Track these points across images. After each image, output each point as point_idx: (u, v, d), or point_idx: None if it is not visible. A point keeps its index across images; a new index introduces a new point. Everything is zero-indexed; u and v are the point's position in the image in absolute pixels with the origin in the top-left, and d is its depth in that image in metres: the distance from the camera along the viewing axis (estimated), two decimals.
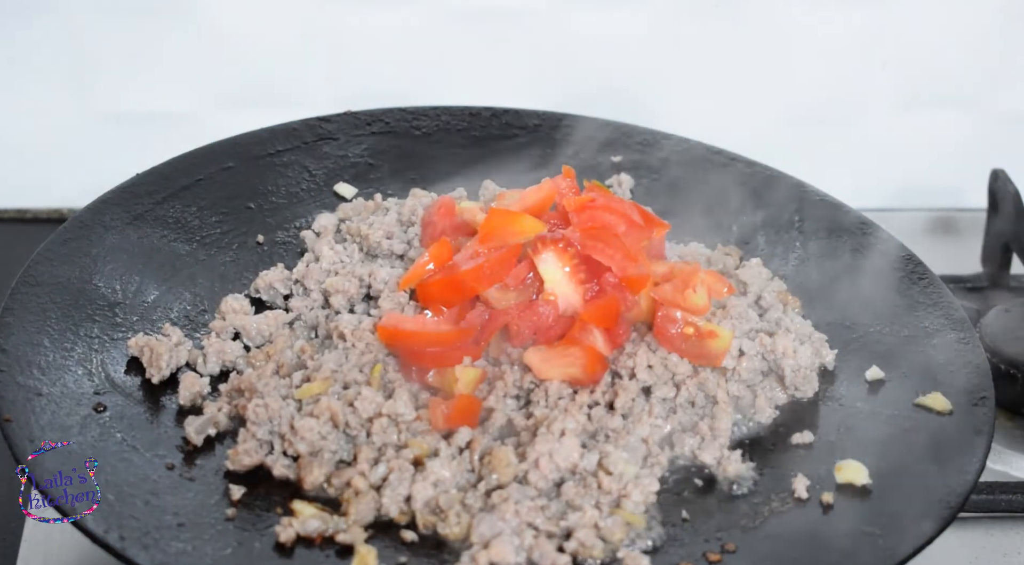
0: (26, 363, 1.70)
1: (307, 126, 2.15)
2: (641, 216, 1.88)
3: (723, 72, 2.51)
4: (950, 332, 1.87)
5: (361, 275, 1.90)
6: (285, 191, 2.08)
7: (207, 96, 2.45)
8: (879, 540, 1.61)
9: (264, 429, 1.68)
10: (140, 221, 1.95)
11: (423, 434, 1.70)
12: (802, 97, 2.54)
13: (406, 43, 2.46)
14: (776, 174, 2.13)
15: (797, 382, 1.82)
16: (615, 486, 1.65)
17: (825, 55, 2.52)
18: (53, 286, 1.81)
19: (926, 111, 2.56)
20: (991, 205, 2.36)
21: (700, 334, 1.80)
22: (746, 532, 1.64)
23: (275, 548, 1.57)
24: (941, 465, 1.69)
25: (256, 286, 1.93)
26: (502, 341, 1.80)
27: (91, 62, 2.41)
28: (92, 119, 2.44)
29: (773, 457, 1.75)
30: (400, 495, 1.63)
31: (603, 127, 2.20)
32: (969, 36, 2.52)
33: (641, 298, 1.81)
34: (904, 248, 2.00)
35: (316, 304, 1.90)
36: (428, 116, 2.20)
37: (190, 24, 2.40)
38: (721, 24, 2.48)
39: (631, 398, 1.76)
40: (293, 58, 2.45)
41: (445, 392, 1.75)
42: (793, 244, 2.04)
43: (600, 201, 1.86)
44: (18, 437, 1.60)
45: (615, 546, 1.61)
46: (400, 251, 1.96)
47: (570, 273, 1.79)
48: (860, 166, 2.57)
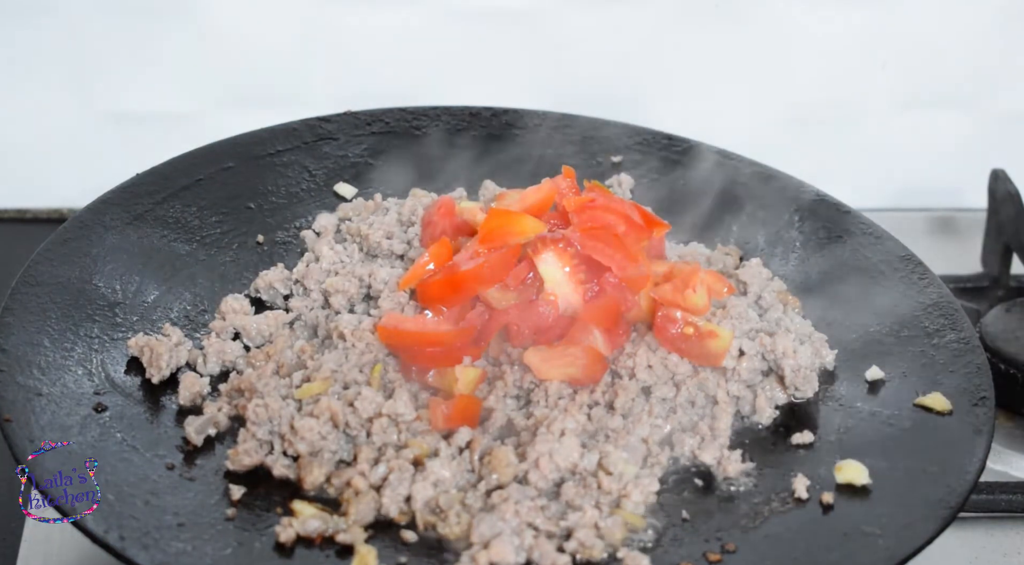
0: (26, 363, 1.70)
1: (307, 126, 2.15)
2: (641, 216, 1.87)
3: (723, 72, 2.51)
4: (950, 332, 1.87)
5: (361, 275, 1.90)
6: (285, 191, 2.08)
7: (207, 96, 2.45)
8: (879, 540, 1.61)
9: (264, 429, 1.68)
10: (140, 221, 1.95)
11: (423, 434, 1.70)
12: (802, 97, 2.54)
13: (406, 43, 2.46)
14: (776, 174, 2.13)
15: (797, 382, 1.82)
16: (615, 486, 1.65)
17: (825, 55, 2.52)
18: (53, 286, 1.81)
19: (926, 111, 2.56)
20: (991, 205, 2.36)
21: (700, 334, 1.80)
22: (746, 532, 1.64)
23: (275, 548, 1.57)
24: (941, 465, 1.69)
25: (256, 286, 1.93)
26: (502, 341, 1.80)
27: (91, 62, 2.41)
28: (92, 119, 2.44)
29: (773, 457, 1.75)
30: (400, 495, 1.63)
31: (603, 127, 2.20)
32: (969, 36, 2.52)
33: (641, 298, 1.81)
34: (904, 248, 2.00)
35: (316, 304, 1.90)
36: (428, 116, 2.20)
37: (190, 24, 2.40)
38: (721, 24, 2.48)
39: (631, 398, 1.76)
40: (293, 58, 2.45)
41: (445, 392, 1.75)
42: (793, 244, 2.04)
43: (600, 201, 1.85)
44: (18, 437, 1.60)
45: (615, 546, 1.61)
46: (400, 251, 1.96)
47: (570, 273, 1.79)
48: (860, 166, 2.57)
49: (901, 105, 2.56)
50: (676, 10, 2.47)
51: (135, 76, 2.43)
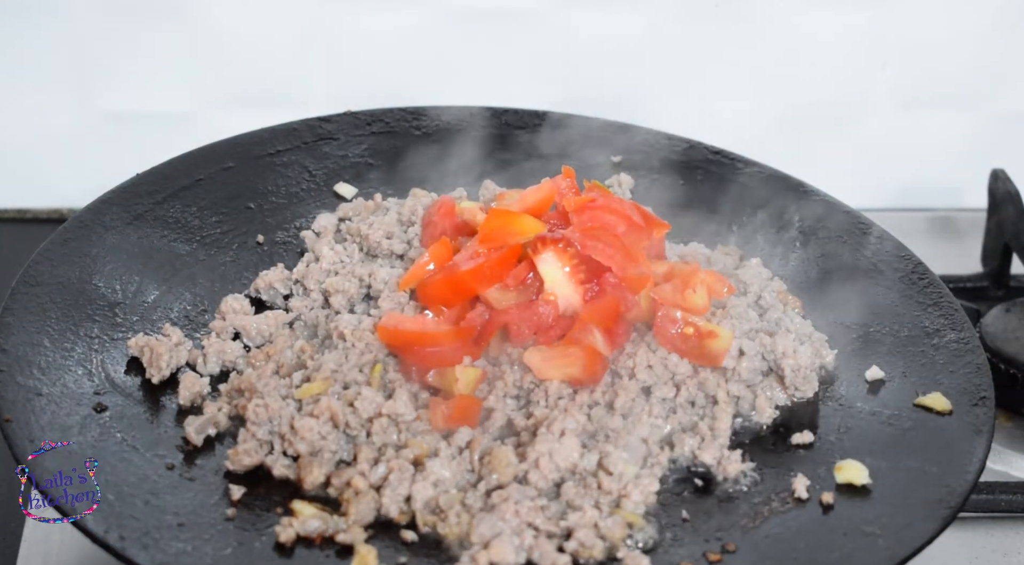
0: (26, 363, 1.70)
1: (307, 126, 2.14)
2: (641, 216, 1.88)
3: (723, 72, 2.51)
4: (950, 332, 1.87)
5: (361, 275, 1.90)
6: (285, 191, 2.08)
7: (207, 96, 2.45)
8: (879, 540, 1.61)
9: (264, 429, 1.68)
10: (140, 221, 1.95)
11: (423, 434, 1.70)
12: (802, 97, 2.54)
13: (406, 43, 2.46)
14: (776, 174, 2.13)
15: (797, 382, 1.82)
16: (615, 486, 1.65)
17: (825, 55, 2.52)
18: (53, 286, 1.81)
19: (926, 111, 2.56)
20: (991, 205, 2.36)
21: (700, 334, 1.80)
22: (746, 532, 1.64)
23: (275, 548, 1.57)
24: (941, 465, 1.69)
25: (256, 286, 1.93)
26: (502, 341, 1.80)
27: (91, 62, 2.41)
28: (92, 119, 2.44)
29: (773, 457, 1.75)
30: (400, 495, 1.63)
31: (603, 127, 2.19)
32: (969, 36, 2.52)
33: (641, 298, 1.81)
34: (904, 248, 2.00)
35: (316, 304, 1.90)
36: (428, 116, 2.20)
37: (190, 24, 2.40)
38: (721, 24, 2.48)
39: (631, 398, 1.76)
40: (293, 58, 2.45)
41: (445, 392, 1.75)
42: (793, 244, 2.04)
43: (600, 201, 1.85)
44: (18, 437, 1.60)
45: (615, 546, 1.61)
46: (400, 251, 1.96)
47: (570, 273, 1.79)
48: (860, 166, 2.57)
49: (901, 105, 2.56)
50: (676, 10, 2.47)
51: (135, 76, 2.43)
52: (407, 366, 1.77)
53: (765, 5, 2.48)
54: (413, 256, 1.94)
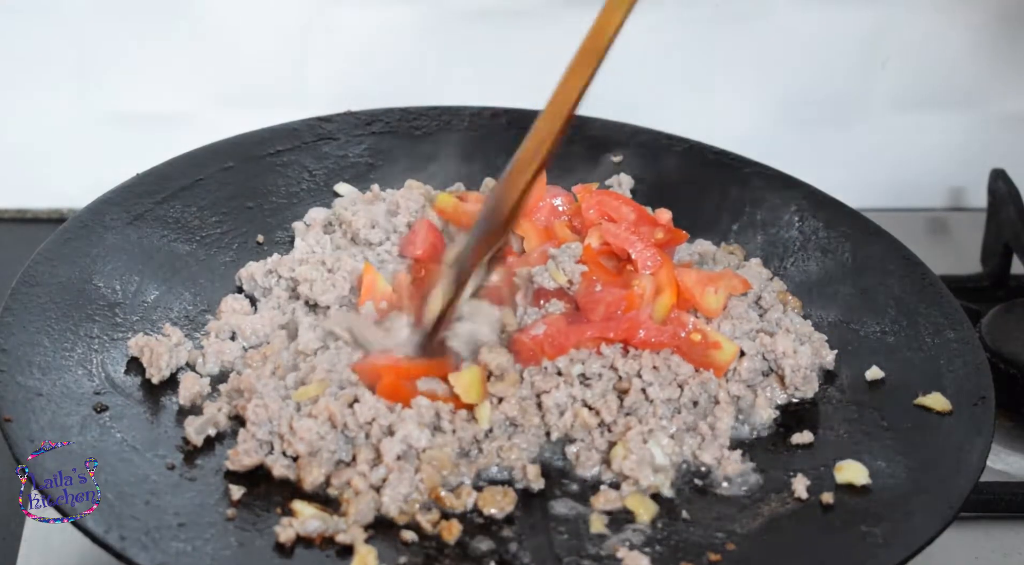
0: (26, 363, 1.70)
1: (307, 126, 2.15)
2: (641, 216, 1.88)
3: (723, 72, 2.51)
4: (950, 332, 1.87)
5: (331, 265, 1.89)
6: (285, 191, 2.08)
7: (207, 96, 2.45)
8: (879, 540, 1.61)
9: (264, 429, 1.68)
10: (140, 221, 1.95)
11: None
12: (802, 97, 2.54)
13: (406, 43, 2.46)
14: (776, 174, 2.13)
15: (797, 382, 1.82)
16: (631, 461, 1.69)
17: (825, 55, 2.51)
18: (53, 286, 1.81)
19: (926, 111, 2.56)
20: (991, 205, 2.36)
21: (707, 343, 1.80)
22: (746, 532, 1.64)
23: (275, 548, 1.57)
24: (941, 465, 1.69)
25: (239, 276, 1.93)
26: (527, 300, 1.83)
27: (91, 62, 2.41)
28: (92, 119, 2.44)
29: (773, 457, 1.75)
30: (400, 495, 1.63)
31: (603, 127, 2.20)
32: (969, 36, 2.52)
33: (657, 307, 1.81)
34: (904, 248, 2.00)
35: (286, 296, 1.90)
36: (428, 116, 2.20)
37: (190, 24, 2.40)
38: (721, 24, 2.48)
39: (635, 399, 1.76)
40: (293, 58, 2.44)
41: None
42: (793, 244, 2.04)
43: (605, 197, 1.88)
44: (18, 437, 1.60)
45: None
46: (378, 239, 1.96)
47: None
48: (860, 166, 2.57)
49: (901, 105, 2.56)
50: (676, 10, 2.47)
51: (135, 76, 2.43)
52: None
53: (765, 5, 2.48)
54: (389, 248, 1.95)
